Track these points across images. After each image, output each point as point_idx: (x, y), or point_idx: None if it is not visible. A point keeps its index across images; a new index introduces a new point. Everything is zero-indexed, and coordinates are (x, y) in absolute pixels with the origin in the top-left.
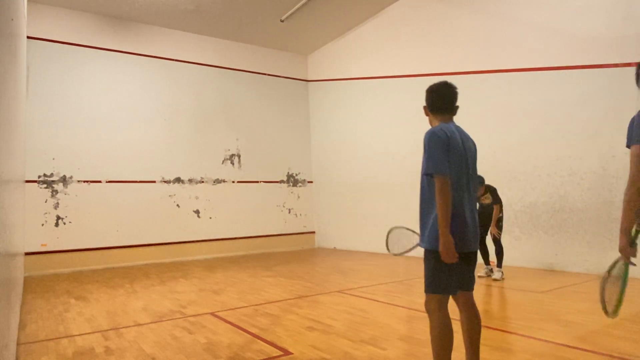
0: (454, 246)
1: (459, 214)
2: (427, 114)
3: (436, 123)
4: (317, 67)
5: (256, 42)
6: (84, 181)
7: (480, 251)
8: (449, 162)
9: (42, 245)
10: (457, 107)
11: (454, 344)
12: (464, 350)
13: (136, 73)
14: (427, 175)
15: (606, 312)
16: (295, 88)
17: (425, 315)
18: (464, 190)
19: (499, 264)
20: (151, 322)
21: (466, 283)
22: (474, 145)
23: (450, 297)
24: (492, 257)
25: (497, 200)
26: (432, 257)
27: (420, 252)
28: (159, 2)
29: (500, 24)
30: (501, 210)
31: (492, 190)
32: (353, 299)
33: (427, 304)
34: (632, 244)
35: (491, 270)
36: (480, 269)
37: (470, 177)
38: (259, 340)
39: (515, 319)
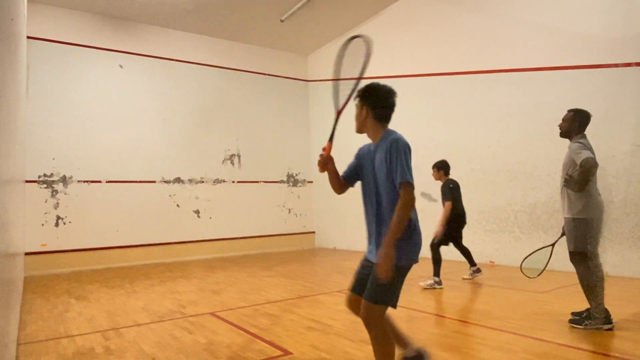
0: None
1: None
2: (367, 118)
3: (381, 130)
4: (317, 67)
5: (256, 42)
6: (84, 181)
7: (462, 252)
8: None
9: (42, 245)
10: None
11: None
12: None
13: (136, 73)
14: (403, 184)
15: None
16: (295, 88)
17: (425, 315)
18: None
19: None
20: (151, 322)
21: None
22: None
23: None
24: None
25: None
26: (397, 271)
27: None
28: (159, 2)
29: (501, 24)
30: (455, 212)
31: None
32: None
33: (374, 316)
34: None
35: (478, 270)
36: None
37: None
38: (259, 340)
39: (515, 319)
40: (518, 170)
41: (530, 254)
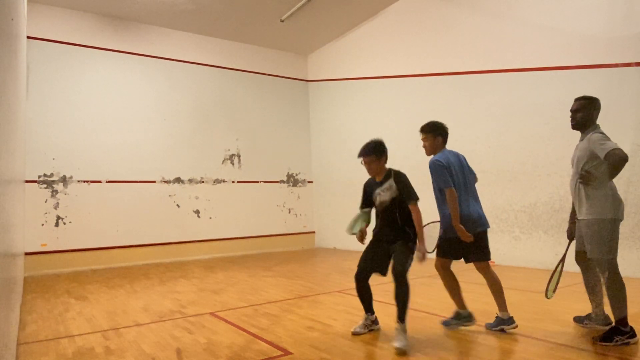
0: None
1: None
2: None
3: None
4: (317, 67)
5: (256, 42)
6: (84, 181)
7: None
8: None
9: (42, 245)
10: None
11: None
12: None
13: (136, 73)
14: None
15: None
16: (295, 88)
17: (425, 315)
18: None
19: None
20: (151, 322)
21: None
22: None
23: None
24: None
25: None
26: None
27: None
28: (159, 2)
29: (501, 24)
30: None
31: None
32: (353, 299)
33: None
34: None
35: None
36: None
37: None
38: (259, 340)
39: (515, 319)
40: (518, 170)
41: (550, 280)
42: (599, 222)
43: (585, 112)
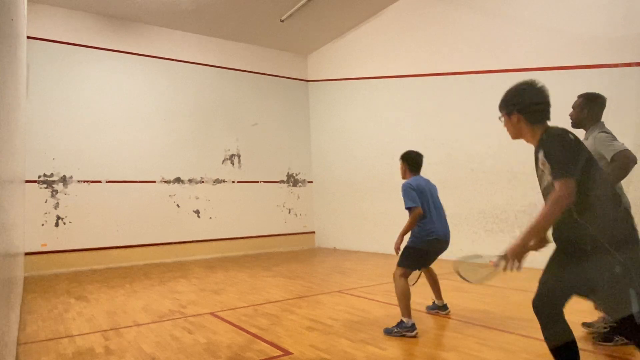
0: None
1: None
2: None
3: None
4: (317, 67)
5: (256, 42)
6: (84, 181)
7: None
8: None
9: (42, 245)
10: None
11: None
12: None
13: (136, 73)
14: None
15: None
16: (295, 88)
17: (425, 315)
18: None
19: None
20: (151, 322)
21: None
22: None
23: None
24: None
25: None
26: None
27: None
28: (159, 2)
29: (500, 24)
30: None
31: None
32: (353, 299)
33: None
34: None
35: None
36: None
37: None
38: (259, 340)
39: (515, 319)
40: (518, 170)
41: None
42: None
43: (576, 111)
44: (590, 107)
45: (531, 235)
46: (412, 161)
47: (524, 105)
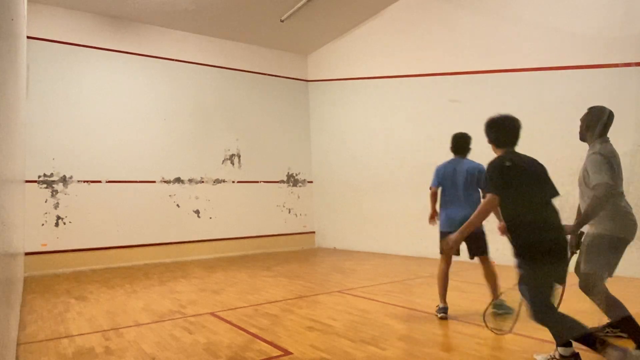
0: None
1: None
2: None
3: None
4: (317, 67)
5: (256, 42)
6: (84, 181)
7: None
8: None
9: (42, 245)
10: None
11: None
12: None
13: (136, 73)
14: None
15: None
16: (295, 88)
17: (425, 315)
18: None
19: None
20: (151, 322)
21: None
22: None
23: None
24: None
25: None
26: None
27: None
28: (159, 2)
29: (501, 24)
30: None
31: None
32: (353, 299)
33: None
34: None
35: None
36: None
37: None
38: (259, 340)
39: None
40: None
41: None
42: (602, 237)
43: (580, 124)
44: (589, 122)
45: (468, 229)
46: (451, 143)
47: (490, 136)
